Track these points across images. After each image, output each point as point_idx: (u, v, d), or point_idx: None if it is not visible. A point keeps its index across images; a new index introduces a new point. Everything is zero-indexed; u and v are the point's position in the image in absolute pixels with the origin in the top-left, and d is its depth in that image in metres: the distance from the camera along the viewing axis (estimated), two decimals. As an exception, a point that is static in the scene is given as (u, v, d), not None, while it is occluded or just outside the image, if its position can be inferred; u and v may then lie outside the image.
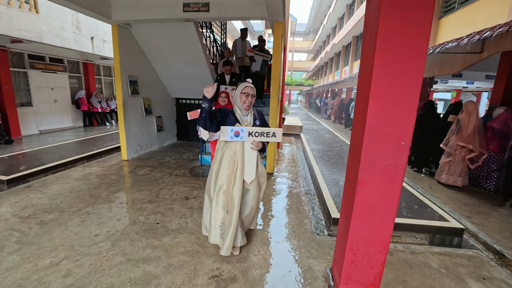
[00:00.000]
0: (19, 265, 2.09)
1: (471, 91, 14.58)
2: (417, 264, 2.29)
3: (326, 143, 7.72)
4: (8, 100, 6.80)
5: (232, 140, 2.06)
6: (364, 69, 1.59)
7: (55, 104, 8.53)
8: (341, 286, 1.79)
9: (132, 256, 2.24)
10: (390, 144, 1.51)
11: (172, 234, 2.61)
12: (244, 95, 2.12)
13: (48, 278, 1.96)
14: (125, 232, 2.61)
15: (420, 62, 1.40)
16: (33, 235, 2.52)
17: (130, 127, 5.32)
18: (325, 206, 3.24)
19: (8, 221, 2.77)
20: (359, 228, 1.66)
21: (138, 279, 1.97)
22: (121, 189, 3.75)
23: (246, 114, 2.20)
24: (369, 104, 1.47)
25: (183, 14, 4.24)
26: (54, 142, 6.43)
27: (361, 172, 1.56)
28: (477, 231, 2.92)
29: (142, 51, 5.58)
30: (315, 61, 32.03)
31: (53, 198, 3.37)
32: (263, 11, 4.03)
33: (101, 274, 2.02)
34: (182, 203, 3.32)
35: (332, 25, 22.78)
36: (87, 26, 8.07)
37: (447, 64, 5.27)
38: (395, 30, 1.38)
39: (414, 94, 1.45)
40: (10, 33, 5.90)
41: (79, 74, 9.45)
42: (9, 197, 3.36)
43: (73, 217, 2.89)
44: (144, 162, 5.10)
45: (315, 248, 2.47)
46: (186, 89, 6.59)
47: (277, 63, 4.44)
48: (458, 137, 4.08)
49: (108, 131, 8.37)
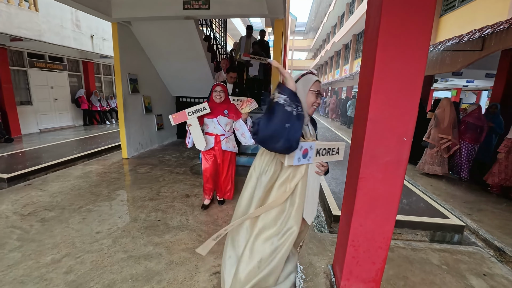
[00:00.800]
0: (21, 262, 2.09)
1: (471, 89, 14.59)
2: (418, 260, 2.30)
3: (326, 141, 7.72)
4: (8, 99, 6.79)
5: (299, 164, 1.37)
6: (366, 64, 1.59)
7: (55, 103, 8.51)
8: (343, 282, 1.79)
9: (133, 253, 2.24)
10: (392, 139, 1.51)
11: (173, 231, 2.61)
12: (314, 94, 1.40)
13: (50, 274, 1.96)
14: (126, 229, 2.61)
15: (422, 57, 1.40)
16: (34, 232, 2.52)
17: (130, 125, 5.32)
18: (326, 203, 3.25)
19: (9, 218, 2.77)
20: (361, 224, 1.66)
21: (140, 276, 1.97)
22: (122, 187, 3.75)
23: (307, 123, 1.48)
24: (371, 99, 1.47)
25: (184, 12, 4.23)
26: (54, 140, 6.43)
27: (362, 167, 1.56)
28: (478, 228, 2.93)
29: (142, 49, 5.57)
30: (315, 60, 32.00)
31: (53, 196, 3.37)
32: (264, 8, 4.02)
33: (103, 270, 2.02)
34: (183, 201, 3.32)
35: (332, 24, 22.74)
36: (86, 25, 8.06)
37: (447, 62, 5.27)
38: (397, 26, 1.38)
39: (416, 89, 1.45)
40: (9, 31, 5.88)
41: (79, 72, 9.44)
42: (9, 195, 3.36)
43: (74, 214, 2.89)
44: (145, 160, 5.10)
45: (316, 245, 2.47)
46: (186, 87, 6.58)
47: (278, 61, 4.43)
48: (437, 129, 4.58)
49: (108, 130, 8.36)
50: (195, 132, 2.70)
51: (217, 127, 2.81)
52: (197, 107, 2.65)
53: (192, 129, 2.68)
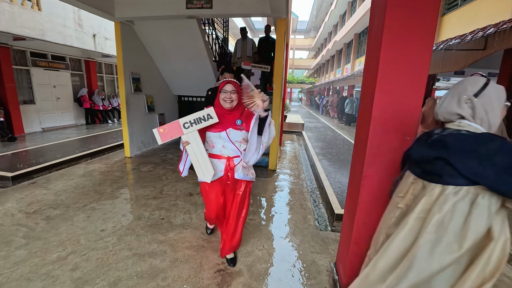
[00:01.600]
0: (27, 259, 2.12)
1: (473, 88, 14.52)
2: (420, 259, 2.31)
3: (327, 140, 7.73)
4: (11, 98, 6.82)
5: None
6: (370, 63, 1.60)
7: (58, 102, 8.55)
8: (346, 280, 1.81)
9: (138, 250, 2.27)
10: (396, 137, 1.52)
11: (177, 229, 2.63)
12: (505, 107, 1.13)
13: (56, 272, 1.99)
14: (130, 227, 2.63)
15: (426, 56, 1.41)
16: (39, 230, 2.55)
17: (133, 124, 5.34)
18: (328, 202, 3.26)
19: (14, 216, 2.80)
20: (364, 222, 1.68)
21: (145, 273, 2.00)
22: (125, 185, 3.78)
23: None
24: (375, 97, 1.48)
25: (186, 11, 4.24)
26: (57, 139, 6.46)
27: (366, 166, 1.57)
28: (480, 227, 2.93)
29: (145, 48, 5.59)
30: (316, 59, 31.96)
31: (58, 194, 3.40)
32: (266, 7, 4.03)
33: (108, 268, 2.04)
34: (186, 199, 3.34)
35: (334, 23, 22.69)
36: (89, 24, 8.08)
37: (449, 61, 5.27)
38: (401, 24, 1.39)
39: (420, 88, 1.46)
40: (12, 31, 5.91)
41: (81, 72, 9.47)
42: (14, 193, 3.39)
43: (79, 212, 2.91)
44: (147, 159, 5.13)
45: (319, 243, 2.49)
46: (188, 86, 6.61)
47: (280, 60, 4.44)
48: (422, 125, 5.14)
49: (110, 129, 8.40)
50: (197, 154, 1.80)
51: (227, 146, 1.87)
52: (198, 114, 1.76)
53: (191, 149, 1.79)
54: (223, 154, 1.90)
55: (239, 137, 1.86)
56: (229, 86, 1.79)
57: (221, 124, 1.82)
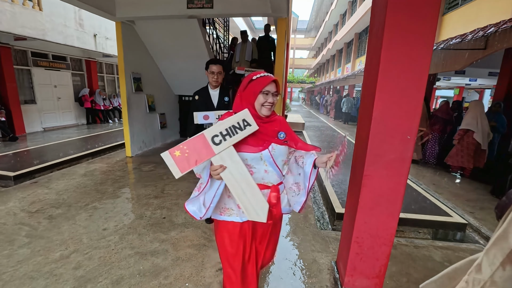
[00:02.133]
0: (30, 258, 2.13)
1: (474, 88, 14.53)
2: (421, 257, 2.32)
3: (328, 139, 7.75)
4: (12, 98, 6.84)
5: None
6: (370, 63, 1.61)
7: (59, 102, 8.57)
8: (346, 278, 1.82)
9: (140, 249, 2.28)
10: (396, 137, 1.53)
11: (179, 228, 2.65)
12: None
13: (59, 270, 2.01)
14: (132, 226, 2.65)
15: (427, 56, 1.42)
16: (42, 229, 2.57)
17: (134, 124, 5.36)
18: (329, 201, 3.27)
19: (17, 215, 2.82)
20: (365, 221, 1.69)
21: (147, 271, 2.01)
22: (127, 185, 3.80)
23: None
24: (375, 97, 1.49)
25: (187, 11, 4.25)
26: (58, 139, 6.48)
27: (367, 165, 1.59)
28: (480, 226, 2.94)
29: (146, 48, 5.60)
30: (316, 59, 31.94)
31: (60, 193, 3.41)
32: (267, 7, 4.04)
33: (111, 266, 2.06)
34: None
35: (334, 22, 22.67)
36: (90, 24, 8.09)
37: (450, 61, 5.28)
38: (402, 23, 1.40)
39: (420, 88, 1.47)
40: (13, 31, 5.93)
41: (82, 71, 9.49)
42: (16, 193, 3.41)
43: (81, 211, 2.93)
44: (148, 159, 5.14)
45: (320, 242, 2.50)
46: (189, 86, 6.60)
47: (281, 60, 4.45)
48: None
49: (111, 129, 8.42)
50: (240, 183, 1.17)
51: (271, 170, 1.29)
52: (230, 122, 1.16)
53: (230, 177, 1.16)
54: (266, 182, 1.30)
55: (283, 155, 1.31)
56: (272, 86, 1.23)
57: (258, 139, 1.24)
